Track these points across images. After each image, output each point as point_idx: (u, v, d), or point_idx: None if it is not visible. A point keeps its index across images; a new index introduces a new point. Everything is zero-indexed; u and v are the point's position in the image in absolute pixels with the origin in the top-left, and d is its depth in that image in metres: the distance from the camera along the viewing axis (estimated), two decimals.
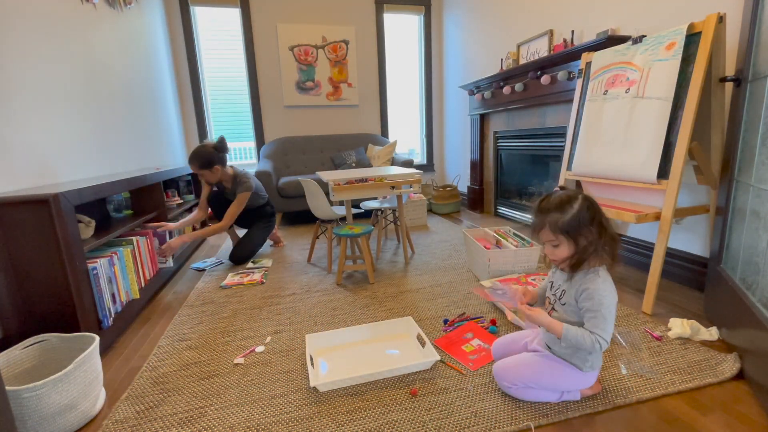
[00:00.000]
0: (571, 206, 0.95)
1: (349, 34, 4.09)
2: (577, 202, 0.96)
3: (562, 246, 0.98)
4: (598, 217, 0.96)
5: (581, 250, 0.97)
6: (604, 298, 0.95)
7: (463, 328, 1.48)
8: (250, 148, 4.16)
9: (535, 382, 1.06)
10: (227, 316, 1.74)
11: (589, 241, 0.96)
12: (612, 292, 0.97)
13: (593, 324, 0.95)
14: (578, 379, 1.05)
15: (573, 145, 2.07)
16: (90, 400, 1.11)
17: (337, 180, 2.19)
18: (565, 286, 1.04)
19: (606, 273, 0.99)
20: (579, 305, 0.99)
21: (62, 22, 1.94)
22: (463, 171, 4.14)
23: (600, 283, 0.97)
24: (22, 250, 1.28)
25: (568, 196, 0.98)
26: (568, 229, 0.95)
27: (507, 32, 3.19)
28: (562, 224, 0.95)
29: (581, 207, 0.95)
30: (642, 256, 2.07)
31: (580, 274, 1.00)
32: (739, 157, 1.32)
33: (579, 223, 0.95)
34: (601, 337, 0.94)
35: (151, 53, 3.14)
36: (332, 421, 1.05)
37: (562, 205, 0.96)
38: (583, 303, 0.97)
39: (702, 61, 1.44)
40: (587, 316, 0.97)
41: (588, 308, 0.97)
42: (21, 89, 1.59)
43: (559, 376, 1.05)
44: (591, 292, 0.96)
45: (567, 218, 0.95)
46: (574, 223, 0.95)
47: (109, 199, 2.09)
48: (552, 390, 1.07)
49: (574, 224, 0.95)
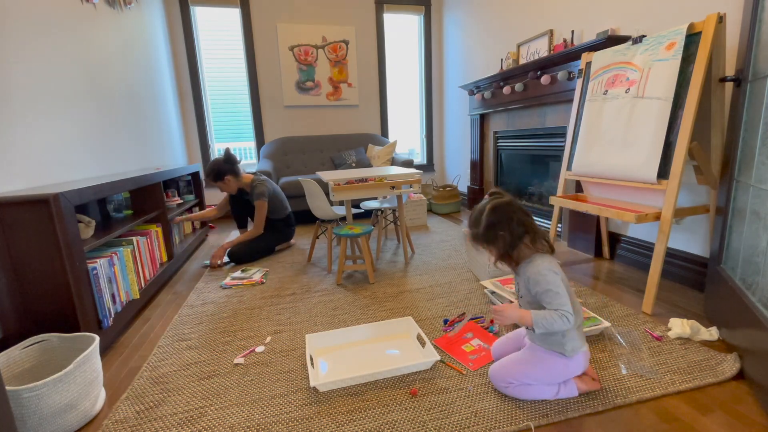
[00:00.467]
0: (481, 219, 1.08)
1: (349, 34, 4.09)
2: (485, 213, 1.07)
3: (489, 252, 1.12)
4: (505, 222, 1.06)
5: (502, 250, 1.08)
6: (545, 276, 1.04)
7: (464, 329, 1.48)
8: (250, 148, 4.16)
9: (527, 375, 1.09)
10: (227, 316, 1.74)
11: (505, 241, 1.07)
12: (549, 269, 1.05)
13: (550, 302, 1.03)
14: (566, 365, 1.08)
15: (573, 145, 2.07)
16: (90, 400, 1.11)
17: (337, 180, 2.19)
18: (518, 280, 1.15)
19: (541, 256, 1.08)
20: (532, 292, 1.08)
21: (62, 22, 1.94)
22: (463, 171, 4.14)
23: (537, 265, 1.06)
24: (22, 250, 1.28)
25: (479, 210, 1.10)
26: (484, 239, 1.09)
27: (507, 32, 3.19)
28: (479, 237, 1.09)
29: (488, 217, 1.07)
30: (642, 256, 2.07)
31: (522, 266, 1.10)
32: (739, 157, 1.32)
33: (491, 232, 1.07)
34: (564, 310, 1.01)
35: (151, 53, 3.14)
36: (332, 421, 1.05)
37: (475, 221, 1.11)
38: (534, 289, 1.06)
39: (702, 61, 1.44)
40: (544, 299, 1.04)
41: (539, 292, 1.05)
42: (21, 89, 1.59)
43: (546, 365, 1.08)
44: (536, 276, 1.05)
45: (480, 231, 1.09)
46: (487, 233, 1.07)
47: (109, 199, 2.09)
48: (546, 383, 1.09)
49: (487, 234, 1.08)
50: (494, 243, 1.08)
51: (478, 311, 1.66)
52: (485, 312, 1.65)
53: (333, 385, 1.18)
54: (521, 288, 1.13)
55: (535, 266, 1.06)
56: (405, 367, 1.23)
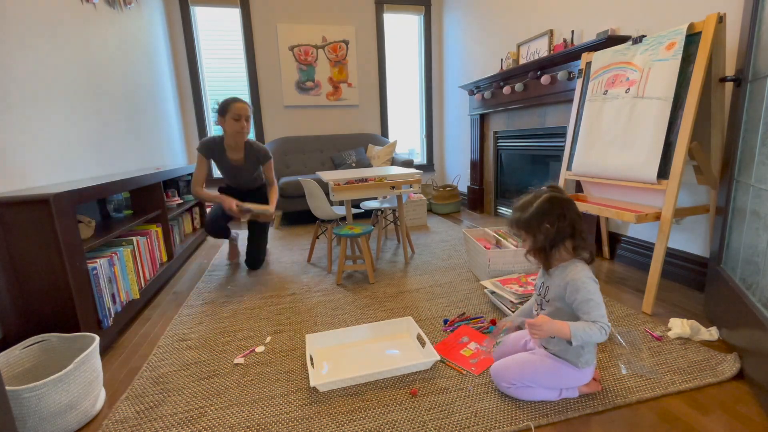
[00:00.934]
0: (532, 205, 1.03)
1: (349, 34, 4.09)
2: (539, 201, 1.03)
3: (526, 241, 1.07)
4: (558, 215, 1.01)
5: (540, 244, 1.04)
6: (586, 284, 0.99)
7: (458, 333, 1.47)
8: None
9: (533, 381, 1.07)
10: (227, 316, 1.74)
11: (546, 236, 1.02)
12: (590, 278, 1.01)
13: (589, 312, 0.98)
14: (575, 376, 1.06)
15: (573, 145, 2.07)
16: (90, 400, 1.11)
17: (337, 180, 2.19)
18: (549, 282, 1.09)
19: (580, 263, 1.04)
20: (568, 299, 1.02)
21: (62, 22, 1.94)
22: (463, 171, 4.14)
23: (579, 272, 1.01)
24: (22, 250, 1.28)
25: (534, 196, 1.05)
26: (526, 225, 1.04)
27: (507, 32, 3.19)
28: (522, 221, 1.04)
29: (540, 205, 1.02)
30: (642, 256, 2.07)
31: (558, 269, 1.06)
32: (739, 157, 1.32)
33: (536, 221, 1.02)
34: (603, 322, 0.97)
35: (151, 53, 3.14)
36: (332, 421, 1.05)
37: (525, 205, 1.05)
38: (572, 296, 1.00)
39: (702, 61, 1.44)
40: (582, 308, 0.99)
41: (579, 300, 0.99)
42: (21, 89, 1.59)
43: (556, 374, 1.06)
44: (576, 283, 1.00)
45: (525, 216, 1.04)
46: (532, 221, 1.03)
47: (109, 199, 2.09)
48: (551, 388, 1.08)
49: (531, 221, 1.03)
50: (535, 233, 1.03)
51: (478, 311, 1.66)
52: (485, 312, 1.65)
53: (333, 385, 1.18)
54: (550, 292, 1.08)
55: (576, 272, 1.01)
56: (405, 367, 1.23)
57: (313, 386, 1.17)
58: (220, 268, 2.43)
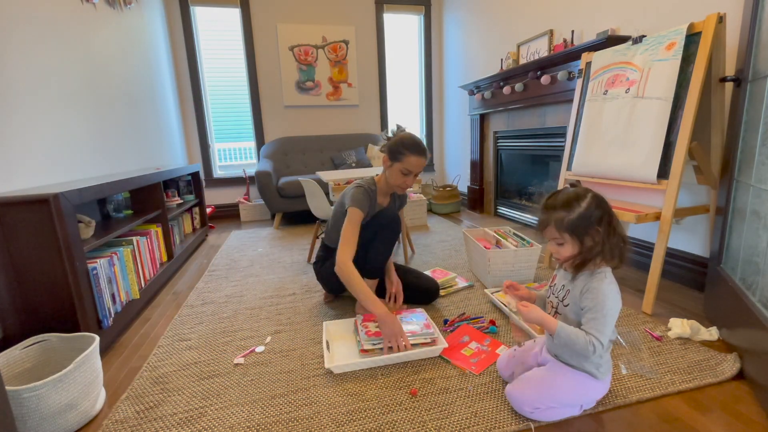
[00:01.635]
0: (578, 204, 0.92)
1: (349, 34, 4.09)
2: (585, 200, 0.92)
3: (567, 245, 0.95)
4: (607, 217, 0.92)
5: (586, 251, 0.93)
6: (608, 299, 0.91)
7: (458, 332, 1.47)
8: (250, 148, 4.17)
9: (557, 400, 0.99)
10: (227, 316, 1.74)
11: (595, 241, 0.92)
12: (617, 296, 0.94)
13: (591, 325, 0.91)
14: (597, 388, 1.01)
15: (573, 145, 2.07)
16: (90, 400, 1.11)
17: (337, 180, 2.19)
18: (570, 287, 0.99)
19: (612, 276, 0.95)
20: (581, 303, 0.95)
21: (62, 22, 1.94)
22: (463, 171, 4.14)
23: (606, 284, 0.93)
24: (22, 250, 1.28)
25: (577, 194, 0.94)
26: (573, 228, 0.92)
27: (507, 32, 3.19)
28: (568, 223, 0.92)
29: (589, 205, 0.91)
30: (642, 256, 2.07)
31: (585, 274, 0.96)
32: (739, 157, 1.32)
33: (585, 223, 0.91)
34: (597, 339, 0.90)
35: (151, 53, 3.14)
36: (332, 421, 1.05)
37: (569, 203, 0.93)
38: (585, 302, 0.93)
39: (702, 61, 1.44)
40: (587, 316, 0.93)
41: (589, 307, 0.92)
42: (21, 89, 1.59)
43: (578, 388, 0.99)
44: (596, 291, 0.92)
45: (573, 217, 0.91)
46: (581, 223, 0.91)
47: (109, 199, 2.09)
48: (572, 405, 1.02)
49: (580, 223, 0.91)
50: (581, 237, 0.92)
51: (478, 311, 1.66)
52: (485, 312, 1.65)
53: (346, 367, 1.26)
54: (569, 297, 0.99)
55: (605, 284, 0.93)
56: (414, 353, 1.30)
57: (328, 368, 1.24)
58: (221, 268, 2.43)
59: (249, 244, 2.98)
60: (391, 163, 1.57)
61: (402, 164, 1.54)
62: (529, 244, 1.99)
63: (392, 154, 1.56)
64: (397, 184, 1.60)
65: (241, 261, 2.54)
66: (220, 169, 4.13)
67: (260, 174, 3.34)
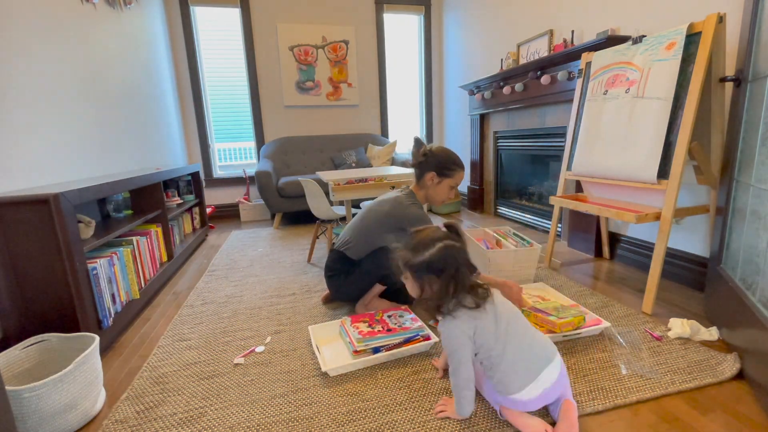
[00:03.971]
0: (427, 249, 0.92)
1: (349, 34, 4.09)
2: (433, 249, 0.92)
3: (409, 282, 0.99)
4: (451, 271, 0.91)
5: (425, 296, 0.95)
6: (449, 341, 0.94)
7: None
8: (250, 148, 4.17)
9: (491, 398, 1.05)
10: (227, 316, 1.74)
11: (433, 290, 0.93)
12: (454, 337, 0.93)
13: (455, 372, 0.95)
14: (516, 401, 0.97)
15: (573, 145, 2.07)
16: (90, 400, 1.11)
17: (337, 180, 2.19)
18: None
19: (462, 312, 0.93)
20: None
21: (62, 22, 1.94)
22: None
23: (446, 326, 0.94)
24: (22, 250, 1.28)
25: (431, 239, 0.94)
26: (413, 270, 0.94)
27: (507, 32, 3.19)
28: (410, 264, 0.94)
29: (433, 255, 0.91)
30: (642, 256, 2.07)
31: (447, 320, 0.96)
32: (739, 157, 1.32)
33: (423, 271, 0.93)
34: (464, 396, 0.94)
35: (151, 53, 3.14)
36: (332, 421, 1.05)
37: (418, 246, 0.94)
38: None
39: (702, 61, 1.44)
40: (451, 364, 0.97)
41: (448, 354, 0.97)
42: (21, 89, 1.59)
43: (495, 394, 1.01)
44: (442, 337, 0.97)
45: (415, 260, 0.93)
46: (420, 267, 0.93)
47: (109, 199, 2.09)
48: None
49: (419, 268, 0.93)
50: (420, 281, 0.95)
51: None
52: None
53: (343, 369, 1.25)
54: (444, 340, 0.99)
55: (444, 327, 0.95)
56: (407, 349, 1.31)
57: (324, 371, 1.23)
58: (220, 268, 2.43)
59: (249, 244, 2.98)
60: (440, 179, 1.66)
61: (453, 179, 1.68)
62: (529, 245, 1.99)
63: (441, 171, 1.65)
64: (442, 198, 1.72)
65: (241, 261, 2.54)
66: (220, 169, 4.13)
67: (260, 174, 3.34)
